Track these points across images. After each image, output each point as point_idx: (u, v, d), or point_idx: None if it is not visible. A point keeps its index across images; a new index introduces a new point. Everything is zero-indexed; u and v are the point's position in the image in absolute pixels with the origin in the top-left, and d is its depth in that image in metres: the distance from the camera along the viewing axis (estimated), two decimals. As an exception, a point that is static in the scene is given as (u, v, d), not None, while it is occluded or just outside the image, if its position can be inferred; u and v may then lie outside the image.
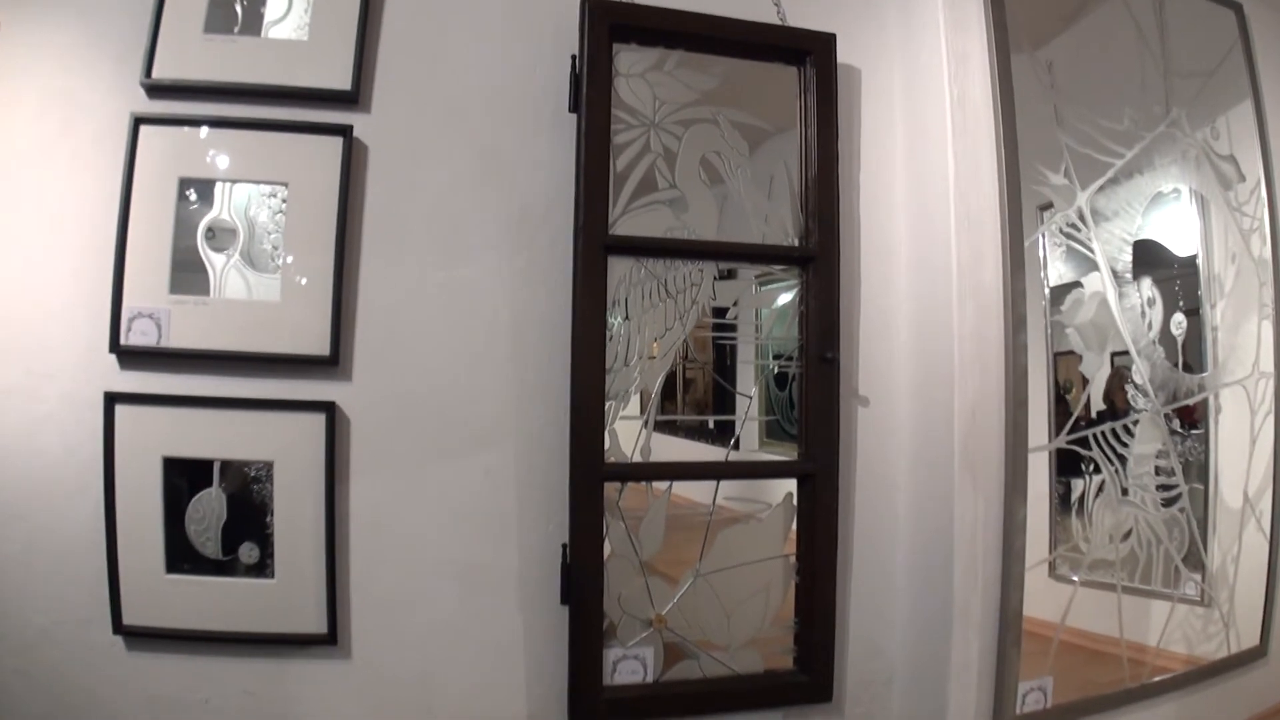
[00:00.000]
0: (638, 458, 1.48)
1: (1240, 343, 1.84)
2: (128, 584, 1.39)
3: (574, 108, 1.48)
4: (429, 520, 1.46)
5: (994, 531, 1.51)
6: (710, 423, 1.59)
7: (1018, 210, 1.56)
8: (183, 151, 1.43)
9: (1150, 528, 1.66)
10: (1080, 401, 1.63)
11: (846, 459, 1.60)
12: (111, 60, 1.43)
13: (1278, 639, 1.93)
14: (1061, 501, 1.63)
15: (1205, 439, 1.74)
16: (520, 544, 1.48)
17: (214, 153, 1.44)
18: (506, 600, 1.48)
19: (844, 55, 1.64)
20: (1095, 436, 1.63)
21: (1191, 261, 1.77)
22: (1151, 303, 1.69)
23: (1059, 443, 1.63)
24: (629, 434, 1.48)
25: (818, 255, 1.56)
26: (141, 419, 1.39)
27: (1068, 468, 1.62)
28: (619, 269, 1.48)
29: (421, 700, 1.45)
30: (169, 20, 1.43)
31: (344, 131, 1.45)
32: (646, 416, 1.48)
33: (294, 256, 1.43)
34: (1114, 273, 1.67)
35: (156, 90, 1.44)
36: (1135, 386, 1.68)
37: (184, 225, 1.41)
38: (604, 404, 1.44)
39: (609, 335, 1.45)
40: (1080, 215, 1.66)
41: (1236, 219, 1.87)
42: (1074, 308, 1.66)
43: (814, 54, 1.58)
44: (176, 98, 1.43)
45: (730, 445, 1.55)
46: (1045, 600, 1.58)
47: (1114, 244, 1.68)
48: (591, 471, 1.42)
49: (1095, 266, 1.66)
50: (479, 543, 1.47)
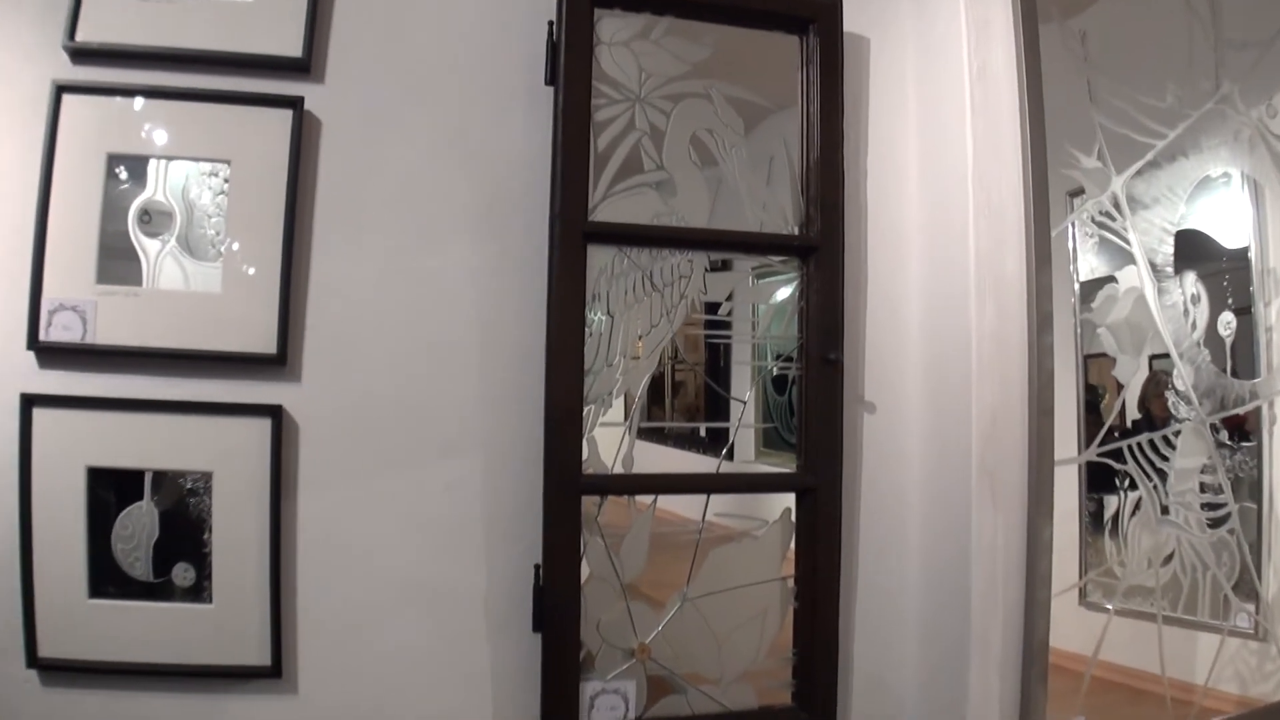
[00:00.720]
0: (619, 468, 1.43)
1: (1298, 345, 1.78)
2: (45, 610, 1.30)
3: (550, 80, 1.41)
4: (386, 538, 1.39)
5: (1016, 554, 1.44)
6: (701, 430, 1.57)
7: (1044, 196, 1.49)
8: (112, 124, 1.34)
9: (1195, 551, 1.58)
10: (1113, 410, 1.58)
11: (851, 471, 1.54)
12: (30, 20, 1.34)
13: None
14: (1093, 521, 1.60)
15: (1258, 452, 1.66)
16: (488, 564, 1.41)
17: (148, 126, 1.35)
18: (472, 627, 1.41)
19: (851, 23, 1.56)
20: (1130, 449, 1.56)
21: (1242, 254, 1.71)
22: (1196, 300, 1.62)
23: (1089, 455, 1.58)
24: (610, 442, 1.42)
25: (820, 245, 1.48)
26: (63, 424, 1.30)
27: (1099, 483, 1.59)
28: (600, 259, 1.42)
29: (376, 739, 1.37)
30: (97, -25, 1.34)
31: (294, 104, 1.37)
32: (629, 423, 1.43)
33: (238, 243, 1.36)
34: (1153, 266, 1.60)
35: (82, 55, 1.35)
36: (1176, 393, 1.60)
37: (113, 207, 1.33)
38: (582, 409, 1.37)
39: (588, 332, 1.39)
40: (1115, 202, 1.58)
41: (1296, 207, 1.81)
42: (1107, 305, 1.60)
43: (817, 21, 1.50)
44: (105, 63, 1.35)
45: (722, 455, 1.50)
46: (1075, 631, 1.52)
47: (1153, 234, 1.61)
48: (568, 483, 1.35)
49: (1132, 259, 1.59)
50: (442, 563, 1.40)
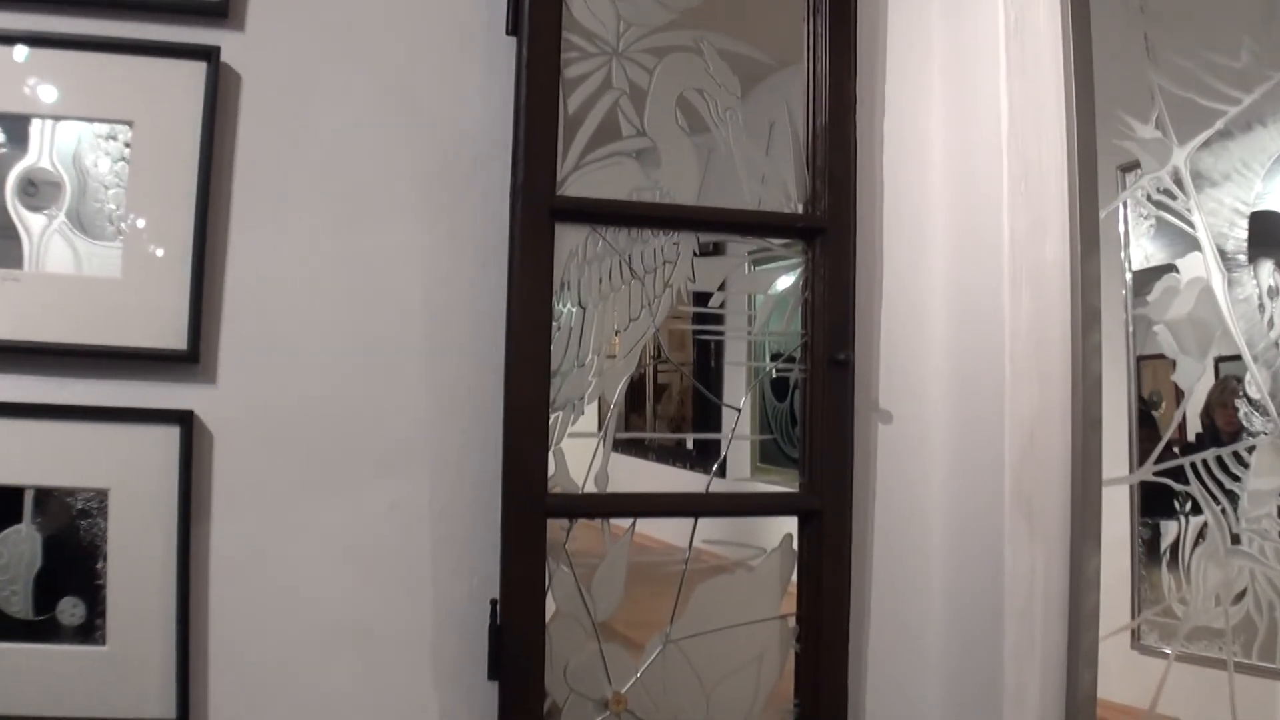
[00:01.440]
0: (591, 487, 1.38)
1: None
2: (-102, 653, 1.20)
3: (513, 29, 1.33)
4: (316, 569, 1.32)
5: (1058, 589, 1.36)
6: (687, 442, 1.57)
7: (1092, 171, 1.42)
8: (-14, 78, 1.23)
9: (1273, 586, 1.48)
10: (1173, 421, 1.51)
11: (863, 492, 1.48)
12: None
13: None
14: (1148, 551, 1.52)
15: (1352, 473, 1.62)
16: (436, 600, 1.35)
17: (33, 80, 1.24)
18: (417, 673, 1.34)
19: (867, -34, 1.49)
20: (1193, 466, 1.47)
21: (1330, 240, 1.66)
22: (1274, 293, 1.51)
23: (1144, 474, 1.50)
24: (581, 456, 1.37)
25: (828, 226, 1.43)
26: (-75, 432, 1.20)
27: (1156, 506, 1.52)
28: (570, 240, 1.36)
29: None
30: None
31: (208, 55, 1.27)
32: (604, 433, 1.39)
33: (142, 219, 1.26)
34: (1221, 254, 1.50)
35: (-51, -5, 1.24)
36: (1249, 402, 1.50)
37: (-12, 176, 1.24)
38: (548, 416, 1.32)
39: (556, 327, 1.34)
40: (1177, 178, 1.50)
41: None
42: (1166, 299, 1.51)
43: (827, -37, 1.45)
44: (-22, 6, 1.24)
45: (713, 472, 1.45)
46: (1128, 679, 1.45)
47: (1222, 216, 1.51)
48: (531, 504, 1.30)
49: (1196, 245, 1.50)
50: (382, 598, 1.34)
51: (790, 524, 1.46)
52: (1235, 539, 1.47)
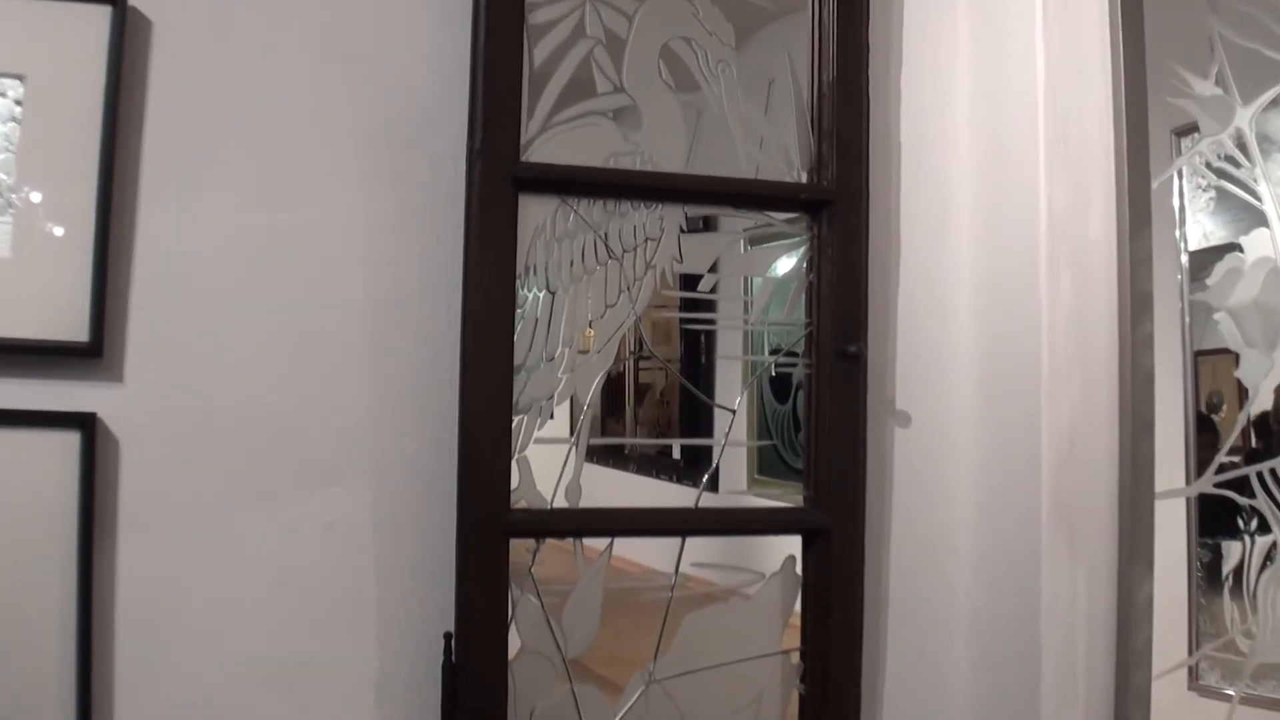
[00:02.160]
0: (562, 501, 1.33)
1: None
2: None
3: None
4: (242, 597, 1.26)
5: (1103, 619, 1.30)
6: (674, 450, 1.54)
7: (1142, 134, 1.36)
8: None
9: None
10: (1236, 425, 1.47)
11: (877, 507, 1.44)
12: None
13: None
14: (1207, 575, 1.49)
15: None
16: (380, 632, 1.29)
17: None
18: (359, 718, 1.28)
19: (881, -107, 1.46)
20: (1259, 477, 1.41)
21: None
22: None
23: (1203, 486, 1.48)
24: (549, 466, 1.32)
25: (837, 198, 1.39)
26: None
27: (1217, 524, 1.50)
28: (536, 214, 1.31)
29: None
30: None
31: None
32: (576, 439, 1.34)
33: (35, 191, 1.19)
34: None
35: None
36: None
37: None
38: (511, 420, 1.26)
39: (520, 315, 1.29)
40: (1241, 143, 1.44)
41: None
42: (1228, 282, 1.46)
43: (836, -108, 1.42)
44: None
45: (703, 484, 1.41)
46: None
47: None
48: (490, 523, 1.24)
49: (1263, 220, 1.44)
50: (319, 631, 1.27)
51: (793, 544, 1.41)
52: (1310, 562, 1.45)
